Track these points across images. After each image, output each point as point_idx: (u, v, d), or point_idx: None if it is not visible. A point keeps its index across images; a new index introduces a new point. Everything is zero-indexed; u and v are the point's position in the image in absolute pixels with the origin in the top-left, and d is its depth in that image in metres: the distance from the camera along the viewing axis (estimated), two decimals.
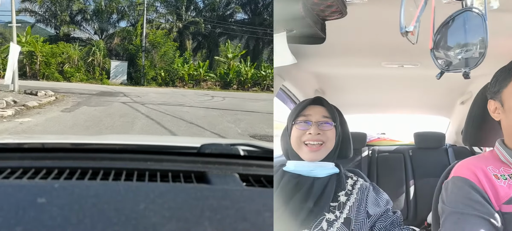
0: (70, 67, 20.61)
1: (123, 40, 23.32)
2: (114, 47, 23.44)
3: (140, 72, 21.31)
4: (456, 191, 1.02)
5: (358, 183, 1.26)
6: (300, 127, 1.24)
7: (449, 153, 3.03)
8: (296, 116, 1.26)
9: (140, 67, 21.38)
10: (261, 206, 0.70)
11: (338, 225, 1.14)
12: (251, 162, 0.97)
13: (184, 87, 21.44)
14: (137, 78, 21.32)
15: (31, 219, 0.60)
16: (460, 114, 3.01)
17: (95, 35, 23.99)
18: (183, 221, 0.61)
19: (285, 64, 1.32)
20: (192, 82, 22.22)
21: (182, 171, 0.88)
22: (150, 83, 21.00)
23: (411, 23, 0.84)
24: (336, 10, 1.20)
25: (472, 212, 0.95)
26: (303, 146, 1.22)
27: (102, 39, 23.42)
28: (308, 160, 1.22)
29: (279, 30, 1.26)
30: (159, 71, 21.26)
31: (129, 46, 22.14)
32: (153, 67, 21.34)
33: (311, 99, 1.31)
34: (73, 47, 21.11)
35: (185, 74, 22.02)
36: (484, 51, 0.78)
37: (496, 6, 0.90)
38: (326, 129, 1.24)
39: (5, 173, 0.82)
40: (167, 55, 21.60)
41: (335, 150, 1.27)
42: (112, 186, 0.77)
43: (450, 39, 0.83)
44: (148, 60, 21.39)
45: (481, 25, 0.79)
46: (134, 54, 21.62)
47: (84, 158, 0.93)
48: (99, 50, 21.26)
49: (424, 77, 2.26)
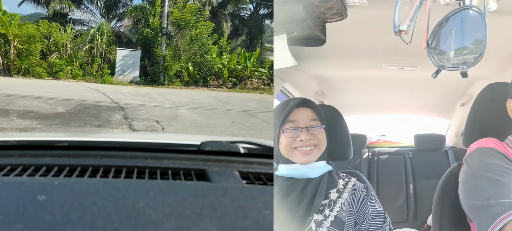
0: (59, 57, 14.19)
1: (137, 22, 16.80)
2: (124, 31, 17.25)
3: (158, 66, 14.73)
4: (482, 156, 1.05)
5: (350, 183, 1.23)
6: (289, 134, 1.19)
7: (449, 155, 3.04)
8: (283, 122, 1.20)
9: (158, 58, 14.69)
10: (261, 203, 0.70)
11: (327, 224, 1.12)
12: (251, 159, 0.97)
13: (222, 88, 14.98)
14: (154, 75, 14.85)
15: (31, 217, 0.60)
16: (460, 116, 3.01)
17: (97, 17, 17.17)
18: (183, 219, 0.61)
19: (285, 66, 1.32)
20: (233, 80, 15.50)
21: (182, 168, 0.88)
22: (173, 81, 14.53)
23: (405, 22, 0.84)
24: (336, 12, 1.20)
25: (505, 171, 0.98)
26: (294, 151, 1.18)
27: (108, 20, 16.83)
28: (301, 163, 1.18)
29: (280, 32, 1.27)
30: (186, 64, 14.69)
31: (144, 29, 15.47)
32: (178, 59, 14.70)
33: (294, 102, 1.24)
34: (63, 29, 14.70)
35: (225, 69, 15.21)
36: (482, 49, 0.79)
37: (494, 7, 0.90)
38: (317, 132, 1.20)
39: (5, 170, 0.82)
40: (200, 41, 14.78)
41: (328, 150, 1.24)
42: (112, 184, 0.77)
43: (448, 37, 0.83)
44: (170, 49, 14.71)
45: (480, 24, 0.80)
46: (151, 40, 15.01)
47: (84, 155, 0.93)
48: (101, 35, 14.91)
49: (424, 79, 2.26)
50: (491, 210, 0.93)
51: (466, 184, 1.08)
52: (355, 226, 1.17)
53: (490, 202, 0.95)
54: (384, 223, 1.20)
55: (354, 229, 1.17)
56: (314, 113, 1.22)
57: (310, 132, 1.19)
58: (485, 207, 0.95)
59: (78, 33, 15.50)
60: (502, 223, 0.90)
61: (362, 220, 1.18)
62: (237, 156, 0.99)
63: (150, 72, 15.01)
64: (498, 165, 1.00)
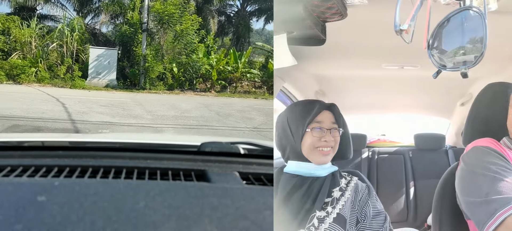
0: (21, 57, 11.92)
1: (114, 18, 14.90)
2: (100, 29, 15.21)
3: (138, 67, 12.73)
4: (478, 154, 1.07)
5: (352, 182, 1.27)
6: (315, 133, 1.25)
7: (449, 154, 3.04)
8: (310, 121, 1.26)
9: (138, 58, 12.71)
10: (261, 204, 0.70)
11: (330, 221, 1.15)
12: (251, 160, 0.98)
13: (210, 92, 13.14)
14: (133, 77, 12.83)
15: (31, 217, 0.60)
16: (460, 116, 3.01)
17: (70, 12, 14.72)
18: (183, 219, 0.61)
19: (285, 66, 1.32)
20: (222, 83, 13.53)
21: (182, 169, 0.89)
22: (155, 85, 12.57)
23: (406, 21, 0.84)
24: (336, 12, 1.20)
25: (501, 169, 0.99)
26: (315, 150, 1.24)
27: (81, 15, 14.57)
28: (318, 163, 1.24)
29: (280, 31, 1.27)
30: (170, 65, 12.79)
31: (123, 26, 13.44)
32: (160, 59, 12.69)
33: (322, 105, 1.30)
34: (26, 24, 12.41)
35: (213, 71, 13.32)
36: (482, 50, 0.79)
37: (495, 7, 0.90)
38: (336, 135, 1.27)
39: (5, 171, 0.83)
40: (186, 38, 12.81)
41: (338, 152, 1.30)
42: (112, 184, 0.77)
43: (448, 38, 0.83)
44: (151, 48, 12.76)
45: (480, 24, 0.80)
46: (130, 37, 12.94)
47: (84, 156, 0.93)
48: (71, 31, 12.66)
49: (424, 78, 2.26)
50: (489, 206, 0.94)
51: (463, 181, 1.10)
52: (356, 224, 1.20)
53: (488, 198, 0.95)
54: (385, 222, 1.22)
55: (356, 227, 1.20)
56: (334, 117, 1.29)
57: (332, 134, 1.26)
58: (482, 203, 0.96)
59: (47, 30, 13.12)
60: (501, 218, 0.91)
61: (363, 218, 1.21)
62: (237, 157, 0.99)
63: (129, 74, 12.97)
64: (494, 162, 1.02)
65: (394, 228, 2.58)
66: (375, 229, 1.21)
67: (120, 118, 7.09)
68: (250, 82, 14.10)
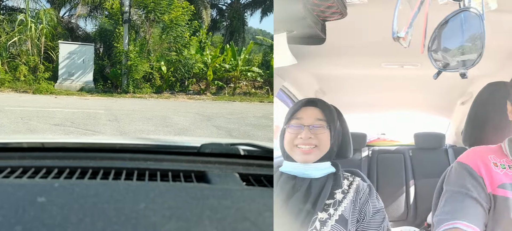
0: None
1: (93, 10, 12.48)
2: (76, 22, 12.64)
3: (120, 66, 10.56)
4: (454, 174, 1.13)
5: (354, 183, 1.26)
6: (292, 130, 1.23)
7: (449, 153, 3.04)
8: (289, 118, 1.25)
9: (120, 56, 10.53)
10: (261, 205, 0.70)
11: (332, 223, 1.14)
12: (251, 161, 0.98)
13: (205, 94, 11.30)
14: (115, 78, 10.75)
15: (31, 218, 0.60)
16: (460, 115, 3.01)
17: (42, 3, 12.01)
18: (183, 221, 0.61)
19: (285, 65, 1.32)
20: (218, 83, 11.71)
21: (182, 170, 0.89)
22: (140, 87, 10.54)
23: (404, 29, 0.85)
24: (336, 11, 1.20)
25: (464, 192, 1.05)
26: (295, 148, 1.22)
27: (54, 7, 11.94)
28: (300, 162, 1.22)
29: (280, 30, 1.26)
30: (157, 63, 10.81)
31: (102, 19, 11.43)
32: (146, 56, 10.55)
33: (304, 101, 1.28)
34: None
35: (209, 70, 11.38)
36: (481, 51, 0.79)
37: (494, 6, 0.90)
38: (319, 132, 1.22)
39: (5, 172, 0.82)
40: (176, 30, 10.65)
41: (331, 152, 1.26)
42: (112, 186, 0.77)
43: (447, 39, 0.83)
44: (136, 43, 10.62)
45: (479, 25, 0.80)
46: (110, 31, 10.82)
47: (84, 157, 0.93)
48: (36, 24, 10.37)
49: (424, 77, 2.26)
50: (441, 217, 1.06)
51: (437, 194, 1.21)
52: (357, 223, 1.20)
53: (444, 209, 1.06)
54: (383, 221, 1.23)
55: (356, 226, 1.20)
56: (321, 113, 1.24)
57: (312, 131, 1.21)
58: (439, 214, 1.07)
59: (7, 22, 10.75)
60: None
61: (363, 217, 1.21)
62: (237, 158, 0.99)
63: (109, 75, 10.86)
64: (464, 185, 1.08)
65: (394, 226, 2.58)
66: (374, 227, 1.21)
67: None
68: (249, 82, 12.39)
